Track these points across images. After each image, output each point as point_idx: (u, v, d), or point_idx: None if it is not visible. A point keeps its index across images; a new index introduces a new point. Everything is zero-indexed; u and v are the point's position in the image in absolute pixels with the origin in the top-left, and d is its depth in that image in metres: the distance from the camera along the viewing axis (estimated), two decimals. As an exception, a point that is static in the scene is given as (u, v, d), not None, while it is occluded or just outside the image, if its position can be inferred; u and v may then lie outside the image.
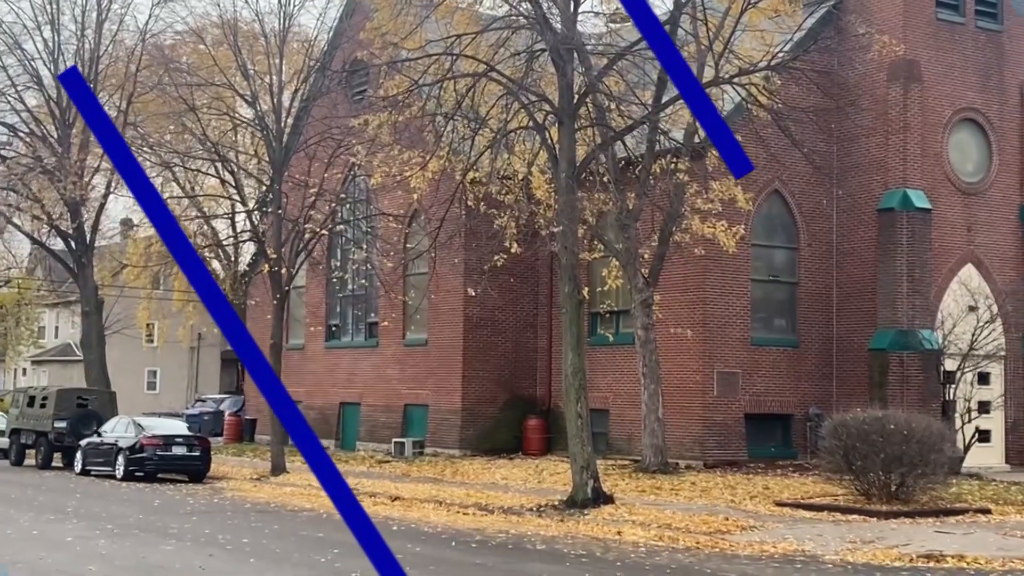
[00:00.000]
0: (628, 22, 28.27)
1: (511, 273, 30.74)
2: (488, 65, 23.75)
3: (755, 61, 25.92)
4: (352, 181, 36.47)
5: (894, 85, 29.50)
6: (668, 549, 17.38)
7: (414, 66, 24.50)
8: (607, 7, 27.31)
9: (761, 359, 30.01)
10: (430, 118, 24.96)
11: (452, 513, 21.81)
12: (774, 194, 30.44)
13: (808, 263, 30.76)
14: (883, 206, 29.47)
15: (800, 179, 30.26)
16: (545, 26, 23.56)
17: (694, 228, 26.64)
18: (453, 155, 25.18)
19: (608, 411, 31.59)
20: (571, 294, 23.16)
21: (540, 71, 25.06)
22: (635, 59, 25.05)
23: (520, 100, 23.87)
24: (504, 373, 34.46)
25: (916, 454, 21.14)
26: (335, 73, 32.27)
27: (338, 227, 35.83)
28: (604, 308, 31.74)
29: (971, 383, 28.55)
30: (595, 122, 25.18)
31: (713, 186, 26.58)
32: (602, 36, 28.10)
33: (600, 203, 27.02)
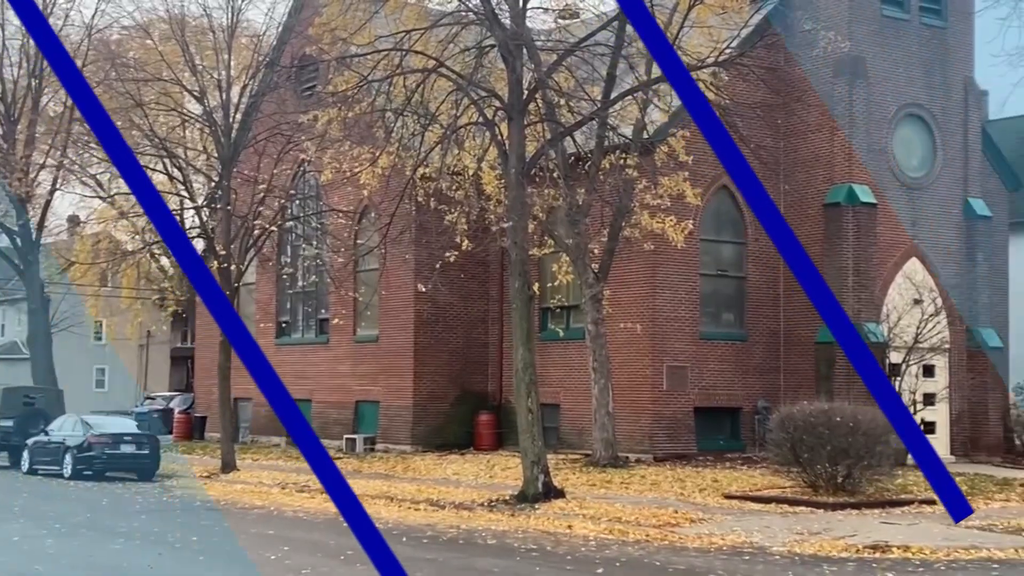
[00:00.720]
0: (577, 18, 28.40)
1: (462, 269, 30.79)
2: (437, 61, 23.76)
3: (702, 57, 26.12)
4: (302, 177, 36.34)
5: (840, 81, 29.82)
6: (618, 542, 17.51)
7: (363, 62, 24.46)
8: (556, 3, 27.39)
9: (710, 353, 30.26)
10: (380, 114, 24.91)
11: (403, 509, 21.84)
12: (722, 189, 30.68)
13: (756, 258, 31.05)
14: (829, 201, 29.80)
15: (748, 174, 30.46)
16: (494, 22, 23.60)
17: (643, 223, 26.79)
18: (403, 151, 25.15)
19: (559, 406, 31.71)
20: (521, 289, 23.24)
21: (489, 67, 25.10)
22: (584, 55, 25.16)
23: (470, 96, 23.90)
24: (455, 369, 34.49)
25: (862, 446, 21.43)
26: (284, 69, 32.12)
27: (288, 223, 35.67)
28: (555, 303, 31.86)
29: (916, 375, 28.95)
30: (544, 118, 25.26)
31: (662, 181, 26.74)
32: (551, 32, 28.22)
33: (550, 199, 27.12)
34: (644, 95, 26.22)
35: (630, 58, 26.53)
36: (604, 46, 25.64)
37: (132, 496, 25.69)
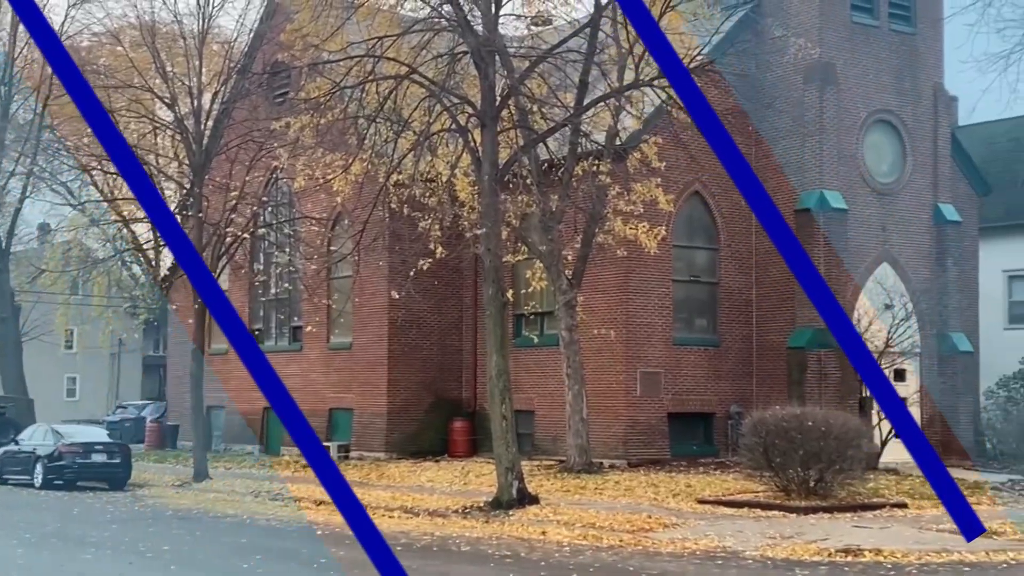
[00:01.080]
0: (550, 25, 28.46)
1: (435, 276, 30.71)
2: (410, 67, 23.75)
3: (675, 64, 26.17)
4: (274, 184, 36.23)
5: (810, 87, 29.99)
6: (592, 548, 17.53)
7: (336, 68, 24.43)
8: (529, 10, 27.43)
9: (683, 359, 30.33)
10: (352, 121, 24.89)
11: (377, 516, 21.79)
12: (694, 195, 30.79)
13: (728, 263, 31.16)
14: (800, 206, 29.96)
15: (720, 181, 30.61)
16: (467, 29, 23.62)
17: (616, 230, 26.86)
18: (376, 158, 25.13)
19: (533, 412, 31.72)
20: (495, 296, 23.25)
21: (462, 74, 25.11)
22: (557, 62, 25.21)
23: (442, 103, 23.91)
24: (429, 376, 34.44)
25: (834, 450, 21.53)
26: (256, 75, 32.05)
27: (260, 231, 35.56)
28: (529, 310, 31.87)
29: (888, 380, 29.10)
30: (517, 124, 25.30)
31: (635, 188, 26.82)
32: (524, 39, 28.24)
33: (523, 205, 27.13)
34: (616, 102, 26.30)
35: (602, 65, 26.61)
36: (576, 53, 25.71)
37: (103, 506, 25.53)
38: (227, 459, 36.15)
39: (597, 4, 26.10)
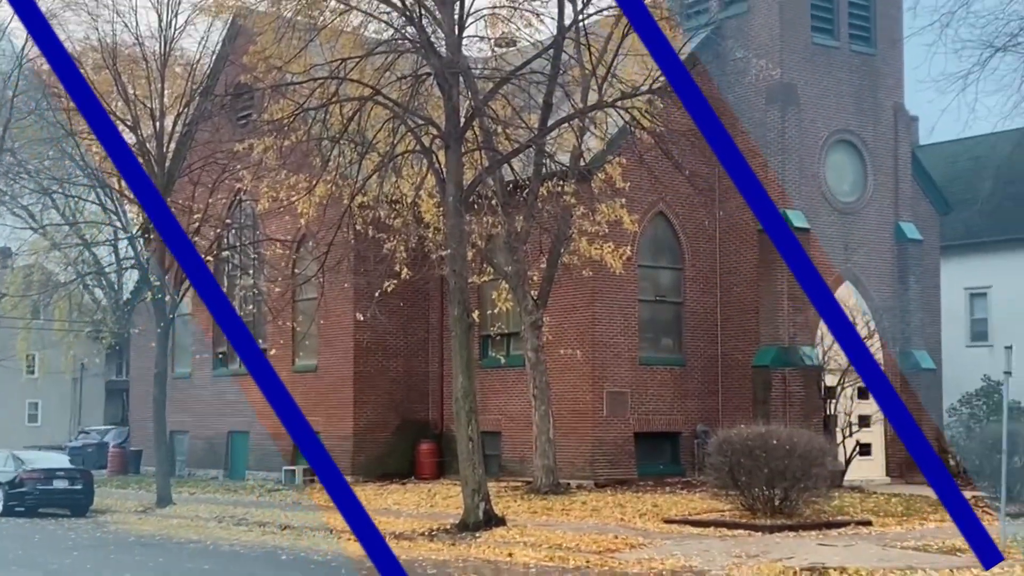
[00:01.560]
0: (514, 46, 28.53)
1: (401, 297, 30.67)
2: (374, 89, 23.74)
3: (637, 85, 26.33)
4: (238, 206, 36.08)
5: (772, 108, 30.21)
6: (558, 569, 17.48)
7: (299, 90, 24.37)
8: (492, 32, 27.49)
9: (649, 378, 30.39)
10: (316, 142, 24.82)
11: (343, 541, 21.64)
12: (659, 216, 30.92)
13: (693, 283, 31.28)
14: (764, 226, 30.12)
15: (684, 201, 30.78)
16: (430, 50, 23.64)
17: (582, 250, 26.91)
18: (340, 179, 25.07)
19: (500, 433, 31.66)
20: (460, 317, 23.22)
21: (426, 95, 25.12)
22: (521, 83, 25.27)
23: (407, 124, 23.90)
24: (396, 398, 34.33)
25: (799, 468, 21.60)
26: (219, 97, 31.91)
27: (224, 253, 35.38)
28: (495, 331, 31.85)
29: (851, 398, 29.26)
30: (482, 146, 25.33)
31: (600, 208, 26.89)
32: (488, 60, 28.29)
33: (489, 226, 27.14)
34: (580, 122, 26.39)
35: (566, 86, 26.71)
36: (540, 74, 25.78)
37: (65, 532, 25.23)
38: (191, 484, 35.84)
39: (560, 26, 26.21)
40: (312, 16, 24.84)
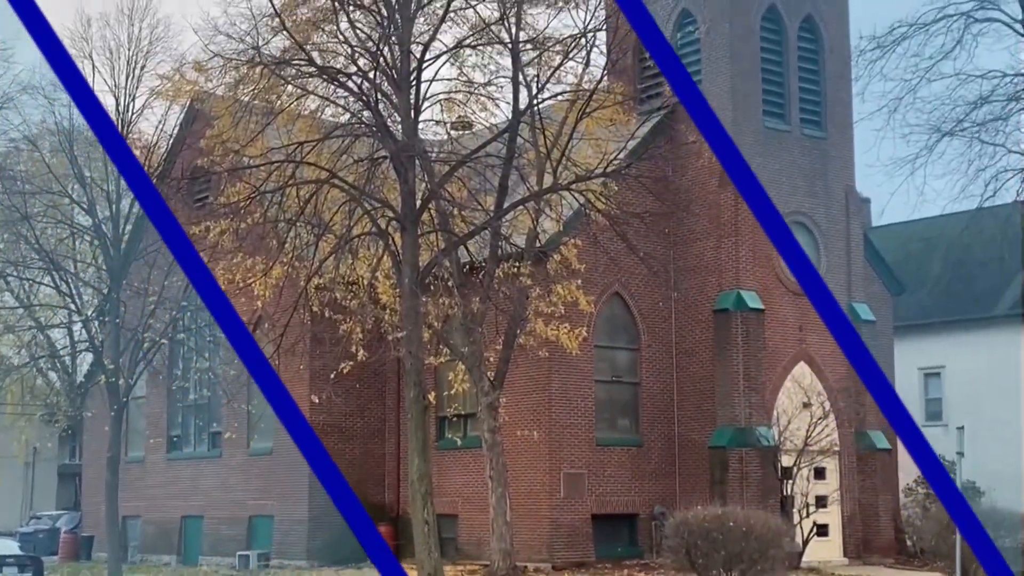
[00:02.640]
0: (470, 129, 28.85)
1: (357, 379, 30.54)
2: (330, 172, 23.89)
3: (592, 168, 26.63)
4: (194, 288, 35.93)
5: (725, 190, 30.61)
6: (515, 654, 17.29)
7: (256, 173, 24.48)
8: (448, 115, 27.78)
9: (606, 459, 30.35)
10: (273, 225, 24.87)
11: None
12: (614, 296, 31.11)
13: (649, 363, 31.40)
14: (718, 307, 30.38)
15: (639, 281, 31.01)
16: (386, 134, 23.86)
17: (538, 331, 26.97)
18: (297, 261, 25.09)
19: (457, 516, 31.42)
20: (416, 399, 23.16)
21: (382, 177, 25.30)
22: (476, 166, 25.51)
23: (363, 206, 24.03)
24: (352, 480, 33.76)
25: (756, 550, 21.61)
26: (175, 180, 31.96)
27: (180, 336, 35.18)
28: (451, 412, 31.74)
29: (807, 478, 29.34)
30: (438, 228, 25.46)
31: (555, 289, 27.02)
32: (444, 143, 28.56)
33: (445, 307, 27.18)
34: (536, 205, 26.61)
35: (522, 169, 26.96)
36: (496, 157, 26.03)
37: (13, 621, 24.70)
38: (143, 570, 35.22)
39: (515, 110, 26.52)
40: (269, 100, 25.03)
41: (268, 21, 23.55)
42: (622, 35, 27.22)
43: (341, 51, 24.97)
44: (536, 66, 25.82)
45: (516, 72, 25.26)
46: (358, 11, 24.72)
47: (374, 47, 24.37)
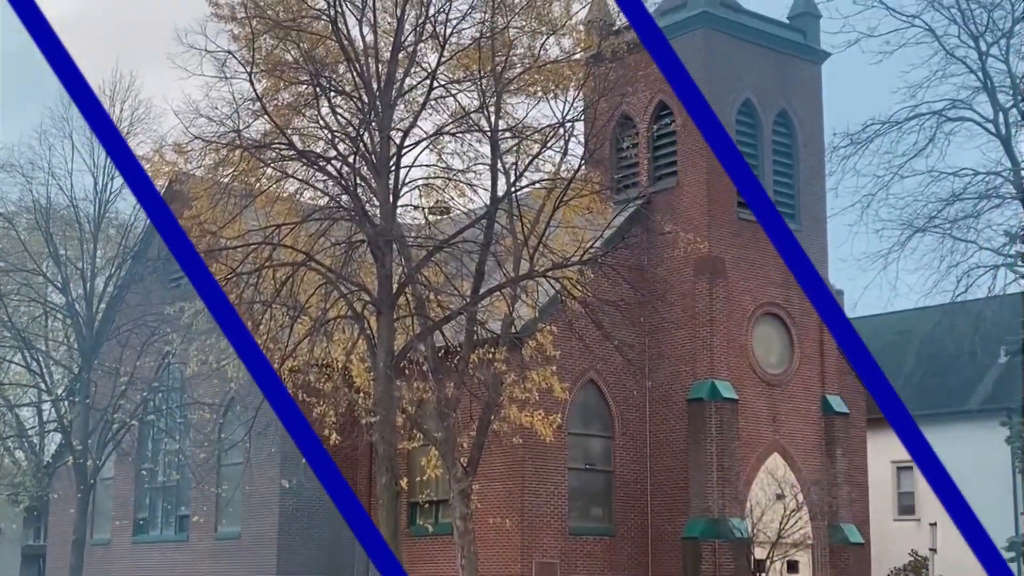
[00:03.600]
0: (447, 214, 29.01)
1: (329, 463, 30.25)
2: (307, 255, 23.91)
3: (568, 255, 26.76)
4: (165, 369, 35.73)
5: (700, 280, 30.80)
6: None
7: (232, 254, 24.47)
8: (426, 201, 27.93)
9: (579, 549, 30.07)
10: (248, 306, 24.81)
11: None
12: (589, 384, 31.08)
13: (623, 452, 31.28)
14: (692, 396, 30.39)
15: (614, 369, 31.02)
16: (364, 218, 23.94)
17: (512, 417, 26.85)
18: (271, 343, 24.99)
19: (427, 605, 30.98)
20: (388, 485, 22.96)
21: (359, 261, 25.33)
22: (453, 251, 25.60)
23: (339, 290, 24.01)
24: (321, 564, 33.54)
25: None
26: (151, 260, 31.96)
27: (150, 417, 34.88)
28: (423, 498, 31.42)
29: (780, 571, 29.15)
30: (414, 312, 25.44)
31: (530, 376, 26.96)
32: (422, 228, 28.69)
33: (419, 392, 27.06)
34: (512, 291, 26.66)
35: (498, 255, 27.05)
36: (473, 243, 26.14)
37: None
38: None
39: (493, 196, 26.68)
40: (248, 183, 25.13)
41: (249, 105, 23.72)
42: (600, 126, 27.54)
43: (321, 135, 25.16)
44: (515, 154, 26.04)
45: (495, 159, 25.46)
46: (339, 97, 24.97)
47: (354, 132, 24.57)
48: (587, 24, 27.39)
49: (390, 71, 24.39)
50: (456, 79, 25.56)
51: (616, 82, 26.82)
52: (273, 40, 24.51)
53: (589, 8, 26.83)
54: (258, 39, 23.93)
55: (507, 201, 26.68)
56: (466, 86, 25.47)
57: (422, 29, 24.70)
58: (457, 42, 25.26)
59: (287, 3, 24.52)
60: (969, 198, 29.37)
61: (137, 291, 32.01)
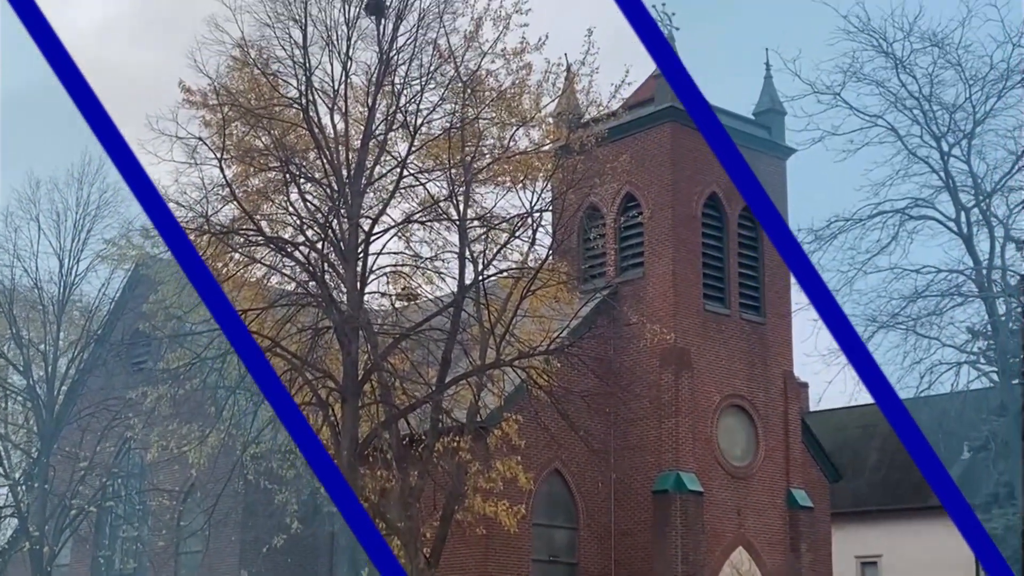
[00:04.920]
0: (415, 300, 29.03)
1: (289, 553, 29.78)
2: (273, 340, 23.82)
3: (535, 345, 26.79)
4: (126, 455, 35.27)
5: (666, 371, 30.85)
6: None
7: (197, 339, 24.36)
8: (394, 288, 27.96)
9: (542, 643, 29.64)
10: (212, 391, 24.65)
11: None
12: (554, 474, 30.89)
13: (587, 543, 31.01)
14: (657, 488, 30.26)
15: (579, 460, 30.87)
16: (331, 305, 23.92)
17: (476, 507, 26.63)
18: (234, 429, 24.79)
19: None
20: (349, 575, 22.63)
21: (325, 347, 25.24)
22: (420, 338, 25.57)
23: (304, 376, 23.89)
24: (278, 659, 32.86)
25: None
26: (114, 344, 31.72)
27: (108, 503, 34.33)
28: (384, 590, 30.96)
29: (746, 666, 28.84)
30: (379, 400, 25.32)
31: (495, 465, 26.80)
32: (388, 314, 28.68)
33: (383, 480, 26.82)
34: (478, 380, 26.61)
35: (465, 343, 27.05)
36: (439, 331, 26.13)
37: None
38: None
39: (461, 285, 26.76)
40: (215, 268, 25.10)
41: (219, 191, 23.81)
42: (567, 216, 27.78)
43: (290, 221, 25.25)
44: (483, 243, 26.19)
45: (463, 248, 25.59)
46: (309, 183, 25.11)
47: (323, 219, 24.66)
48: (556, 116, 27.71)
49: (360, 159, 24.58)
50: (426, 168, 25.80)
51: (584, 173, 27.11)
52: (244, 127, 24.69)
53: (558, 101, 27.19)
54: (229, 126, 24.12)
55: (474, 289, 26.76)
56: (436, 175, 25.70)
57: (393, 118, 24.97)
58: (427, 132, 25.56)
59: (259, 91, 24.78)
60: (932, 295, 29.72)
61: (99, 375, 31.72)
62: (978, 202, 28.66)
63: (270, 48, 24.60)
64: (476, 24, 24.88)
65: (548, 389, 26.81)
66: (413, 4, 24.59)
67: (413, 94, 24.94)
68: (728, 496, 31.31)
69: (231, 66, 24.54)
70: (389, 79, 24.81)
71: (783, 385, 33.30)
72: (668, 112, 32.20)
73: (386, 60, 24.59)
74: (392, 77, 24.86)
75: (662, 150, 32.07)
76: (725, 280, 32.73)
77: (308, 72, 24.41)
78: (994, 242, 28.50)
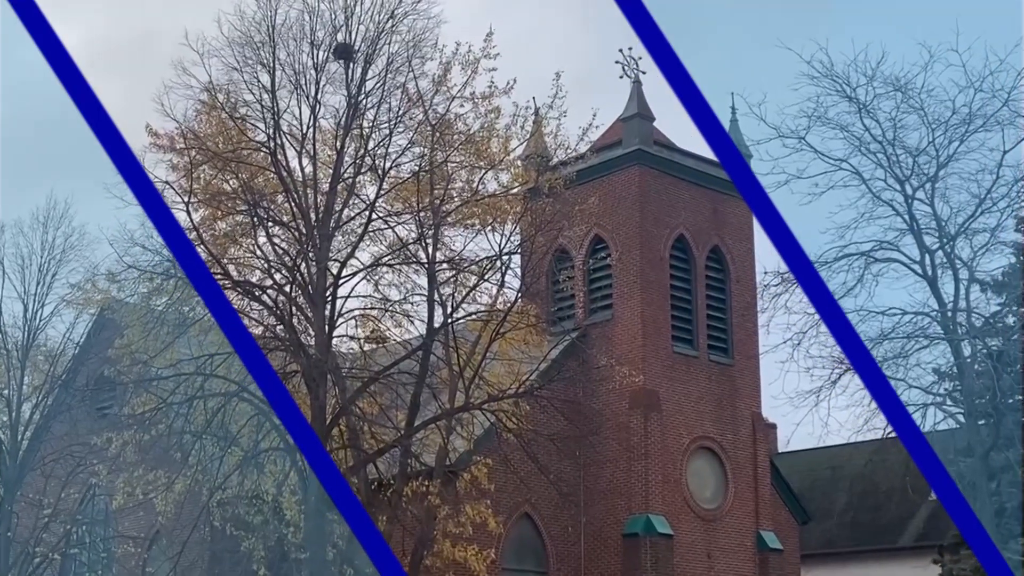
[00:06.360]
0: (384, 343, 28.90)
1: (256, 599, 29.48)
2: (239, 386, 23.66)
3: (504, 388, 26.72)
4: (90, 501, 34.80)
5: (635, 414, 30.82)
6: None
7: (163, 384, 24.17)
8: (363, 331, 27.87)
9: None
10: (178, 437, 24.43)
11: None
12: (524, 517, 30.73)
13: (558, 588, 30.79)
14: (627, 531, 30.15)
15: (549, 503, 30.72)
16: (299, 349, 23.81)
17: (445, 552, 26.43)
18: (200, 475, 24.54)
19: None
20: (317, 622, 22.38)
21: (293, 391, 25.08)
22: (389, 382, 25.46)
23: (272, 421, 23.72)
24: None
25: None
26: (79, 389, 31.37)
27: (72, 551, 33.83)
28: (353, 637, 30.64)
29: None
30: (347, 444, 25.17)
31: (464, 510, 26.63)
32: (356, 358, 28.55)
33: (350, 526, 26.60)
34: (448, 423, 26.51)
35: (434, 386, 26.96)
36: (408, 374, 26.04)
37: None
38: None
39: (430, 328, 26.70)
40: (182, 311, 24.95)
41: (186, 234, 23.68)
42: (536, 259, 27.82)
43: (258, 265, 25.17)
44: (451, 285, 26.19)
45: (432, 291, 25.57)
46: (277, 227, 25.05)
47: (291, 262, 24.59)
48: (525, 159, 27.83)
49: (328, 202, 24.56)
50: (395, 211, 25.81)
51: (553, 216, 27.20)
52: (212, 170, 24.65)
53: (527, 144, 27.31)
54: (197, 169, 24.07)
55: (443, 332, 26.71)
56: (404, 218, 25.71)
57: (361, 162, 25.00)
58: (396, 175, 25.60)
59: (227, 135, 24.76)
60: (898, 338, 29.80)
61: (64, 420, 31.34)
62: (942, 244, 28.85)
63: (238, 92, 24.64)
64: (445, 68, 25.03)
65: (517, 432, 26.75)
66: (382, 49, 24.71)
67: (382, 137, 25.00)
68: (698, 539, 31.24)
69: (199, 110, 24.54)
70: (358, 123, 24.86)
71: (752, 427, 33.35)
72: (636, 155, 32.39)
73: (354, 104, 24.65)
74: (361, 121, 24.91)
75: (630, 192, 32.22)
76: (693, 322, 32.82)
77: (276, 116, 24.44)
78: (959, 284, 28.67)
